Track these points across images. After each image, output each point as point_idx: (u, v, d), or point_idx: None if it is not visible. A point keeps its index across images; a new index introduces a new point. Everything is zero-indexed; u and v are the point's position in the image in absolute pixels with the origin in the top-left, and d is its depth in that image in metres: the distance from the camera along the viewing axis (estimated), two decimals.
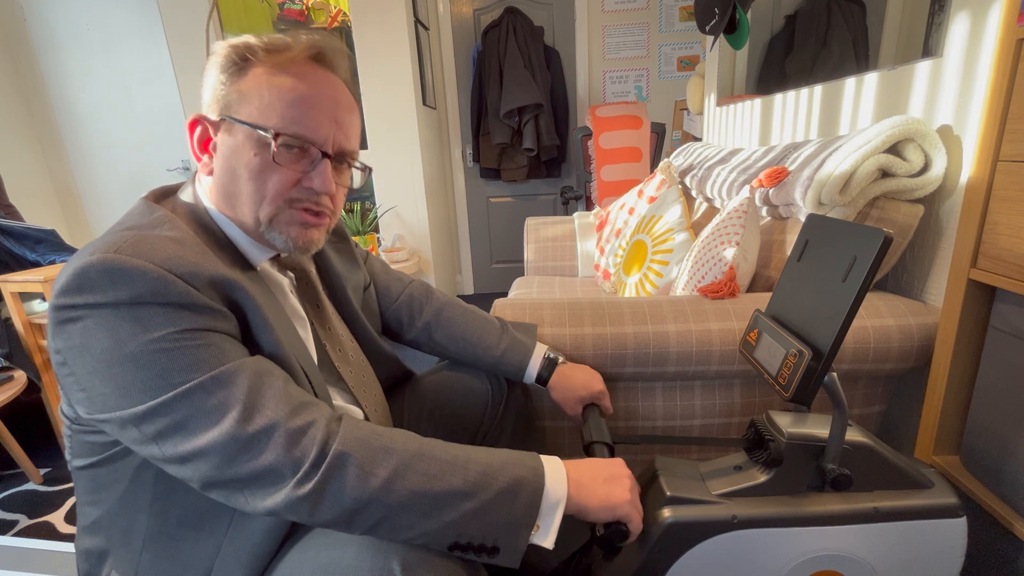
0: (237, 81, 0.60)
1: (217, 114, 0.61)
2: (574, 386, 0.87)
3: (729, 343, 0.93)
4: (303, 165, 0.61)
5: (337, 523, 0.52)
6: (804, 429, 0.70)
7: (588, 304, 1.00)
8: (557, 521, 0.55)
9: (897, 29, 1.46)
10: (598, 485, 0.59)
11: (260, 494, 0.51)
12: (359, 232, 2.56)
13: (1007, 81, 0.72)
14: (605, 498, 0.58)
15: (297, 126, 0.59)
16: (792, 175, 1.09)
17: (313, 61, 0.61)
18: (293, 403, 0.53)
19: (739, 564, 0.72)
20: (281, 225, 0.62)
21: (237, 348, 0.55)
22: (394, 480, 0.51)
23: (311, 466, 0.50)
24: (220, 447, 0.50)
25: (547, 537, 0.55)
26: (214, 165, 0.61)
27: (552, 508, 0.55)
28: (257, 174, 0.59)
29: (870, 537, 0.70)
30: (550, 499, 0.55)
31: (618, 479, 0.61)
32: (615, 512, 0.58)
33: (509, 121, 2.97)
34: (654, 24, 3.01)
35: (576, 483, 0.58)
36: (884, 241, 0.58)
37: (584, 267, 2.07)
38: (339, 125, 0.62)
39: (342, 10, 3.05)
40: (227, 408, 0.50)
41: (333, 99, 0.62)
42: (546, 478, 0.56)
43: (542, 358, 0.90)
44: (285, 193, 0.61)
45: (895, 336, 0.91)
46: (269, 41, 0.61)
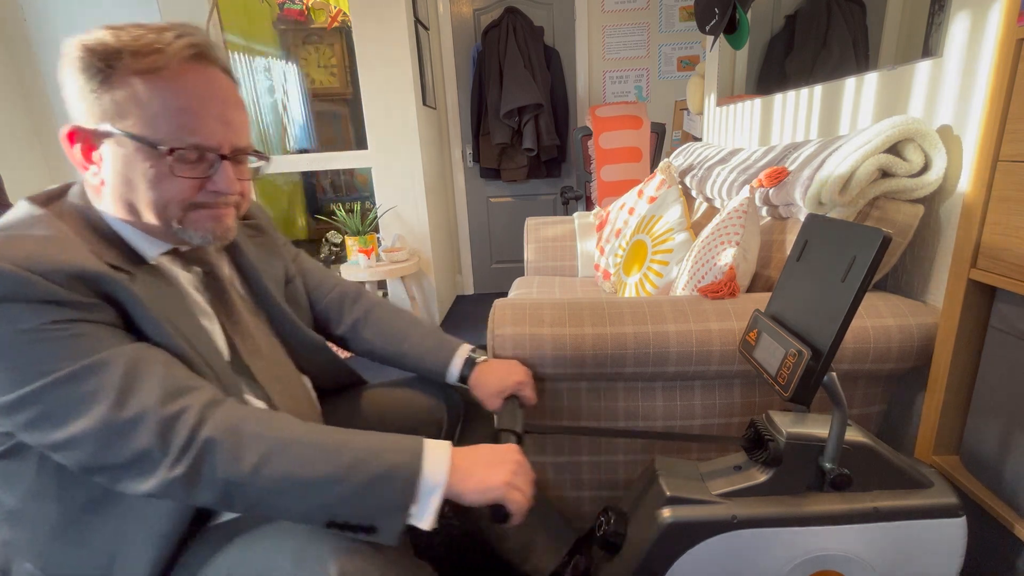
0: (109, 89, 0.57)
1: (95, 124, 0.58)
2: (490, 381, 0.88)
3: (729, 343, 0.93)
4: (201, 170, 0.61)
5: (215, 504, 0.55)
6: (804, 429, 0.70)
7: (588, 304, 1.00)
8: (434, 504, 0.57)
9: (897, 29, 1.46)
10: (479, 469, 0.60)
11: (137, 479, 0.53)
12: (359, 232, 2.56)
13: (1007, 81, 0.72)
14: (480, 482, 0.59)
15: (189, 135, 0.58)
16: (792, 175, 1.09)
17: (191, 61, 0.59)
18: (169, 389, 0.55)
19: (739, 564, 0.72)
20: (194, 223, 0.63)
21: (115, 336, 0.56)
22: (262, 465, 0.54)
23: (180, 452, 0.52)
24: (94, 434, 0.51)
25: (423, 519, 0.57)
26: (104, 176, 0.60)
27: (429, 492, 0.57)
28: (156, 184, 0.59)
29: (870, 537, 0.70)
30: (427, 484, 0.57)
31: (502, 464, 0.62)
32: (487, 495, 0.59)
33: (509, 121, 2.97)
34: (654, 24, 3.01)
35: (458, 469, 0.59)
36: (883, 241, 0.58)
37: (584, 267, 2.07)
38: (229, 124, 0.62)
39: (342, 10, 3.05)
40: (99, 396, 0.52)
41: (220, 99, 0.61)
42: (425, 464, 0.58)
43: (464, 358, 0.91)
44: (189, 199, 0.61)
45: (895, 336, 0.91)
46: (133, 42, 0.58)
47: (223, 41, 2.67)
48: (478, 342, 0.95)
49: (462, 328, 2.88)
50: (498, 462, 0.62)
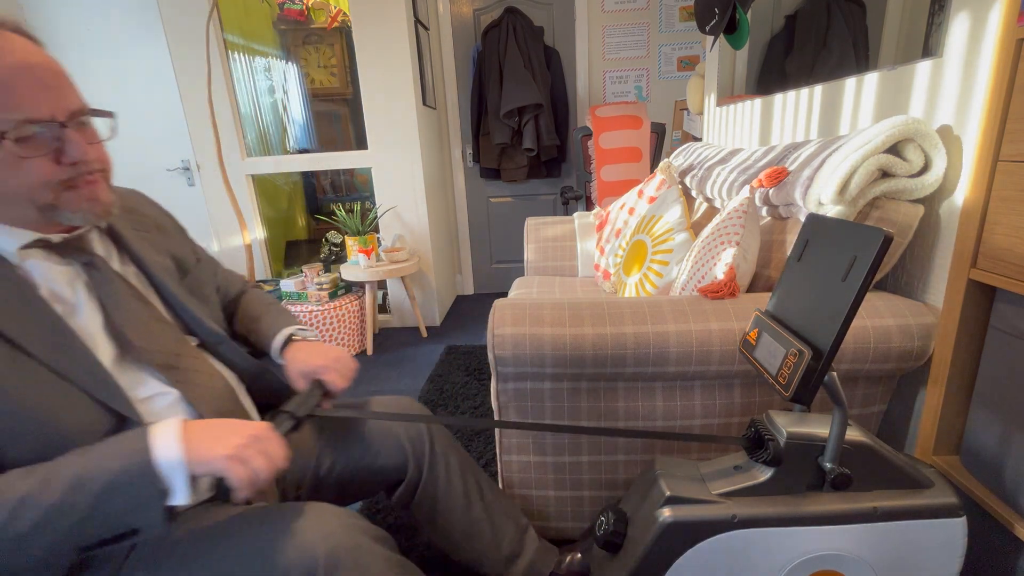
0: None
1: None
2: (296, 360, 0.86)
3: (729, 343, 0.93)
4: (47, 144, 0.58)
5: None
6: (804, 429, 0.70)
7: (588, 304, 1.00)
8: (180, 480, 0.56)
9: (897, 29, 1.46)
10: (205, 441, 0.59)
11: None
12: (359, 232, 2.56)
13: (1007, 81, 0.72)
14: (203, 453, 0.58)
15: (17, 112, 0.55)
16: (792, 175, 1.09)
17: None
18: None
19: (739, 564, 0.72)
20: (70, 205, 0.61)
21: None
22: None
23: None
24: None
25: (181, 496, 0.56)
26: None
27: (173, 471, 0.56)
28: (7, 173, 0.56)
29: (870, 537, 0.70)
30: (165, 466, 0.56)
31: (231, 436, 0.60)
32: (208, 466, 0.58)
33: (509, 121, 2.97)
34: (654, 24, 3.02)
35: (190, 440, 0.58)
36: (884, 241, 0.58)
37: (584, 267, 2.07)
38: (52, 89, 0.58)
39: (342, 10, 3.05)
40: None
41: (29, 65, 0.57)
42: (155, 448, 0.56)
43: (287, 335, 0.90)
44: (52, 178, 0.58)
45: (895, 336, 0.91)
46: None
47: (223, 41, 2.67)
48: (478, 342, 0.94)
49: (462, 328, 2.88)
50: (228, 435, 0.60)
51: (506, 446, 1.07)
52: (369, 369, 2.39)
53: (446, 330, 2.87)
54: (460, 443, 1.64)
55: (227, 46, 2.72)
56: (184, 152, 2.90)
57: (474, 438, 1.69)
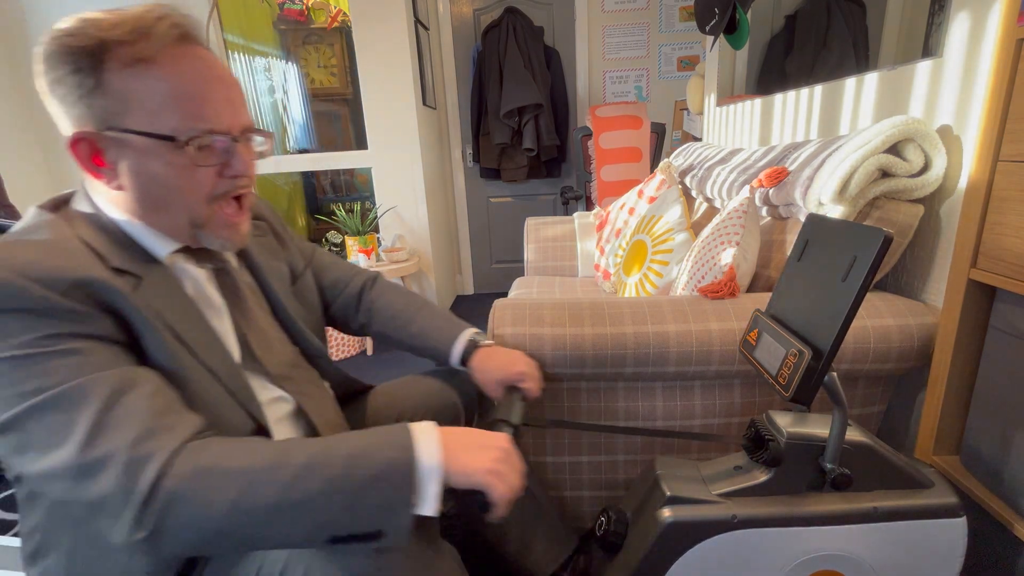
0: (104, 86, 0.54)
1: (96, 126, 0.56)
2: (491, 367, 0.86)
3: (729, 343, 0.93)
4: (218, 157, 0.60)
5: (196, 553, 0.51)
6: (804, 429, 0.70)
7: (588, 304, 1.00)
8: (434, 490, 0.54)
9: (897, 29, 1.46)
10: (463, 452, 0.58)
11: (107, 524, 0.49)
12: (359, 232, 2.56)
13: (1007, 81, 0.72)
14: (465, 464, 0.56)
15: (199, 122, 0.57)
16: (792, 175, 1.09)
17: (180, 43, 0.57)
18: (143, 427, 0.50)
19: (739, 564, 0.72)
20: (214, 228, 0.63)
21: (104, 355, 0.53)
22: (241, 502, 0.50)
23: (142, 508, 0.48)
24: (63, 470, 0.48)
25: (428, 506, 0.54)
26: (122, 180, 0.58)
27: (428, 478, 0.54)
28: (179, 179, 0.58)
29: (870, 537, 0.70)
30: (424, 470, 0.54)
31: (487, 449, 0.59)
32: (470, 479, 0.56)
33: (509, 121, 2.97)
34: (654, 24, 3.01)
35: (446, 448, 0.57)
36: (884, 241, 0.58)
37: (584, 267, 2.07)
38: (233, 103, 0.61)
39: (342, 10, 3.05)
40: (72, 428, 0.49)
41: (219, 79, 0.59)
42: (418, 451, 0.55)
43: (468, 340, 0.90)
44: (214, 189, 0.61)
45: (895, 336, 0.91)
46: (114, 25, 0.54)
47: (223, 41, 2.67)
48: None
49: None
50: (484, 447, 0.59)
51: None
52: (369, 369, 2.39)
53: None
54: None
55: (227, 46, 2.72)
56: None
57: None
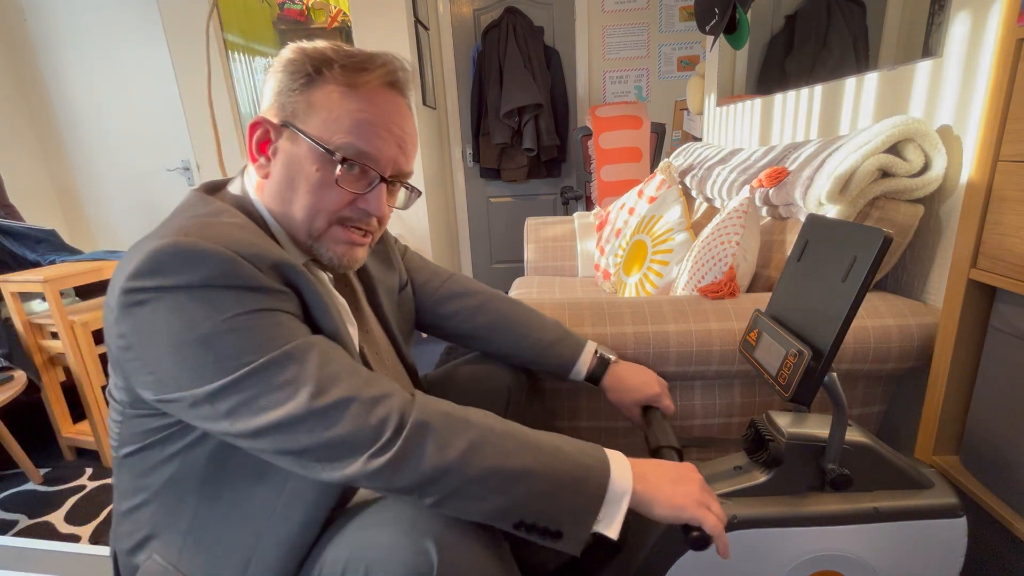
0: (307, 91, 0.60)
1: (280, 119, 0.61)
2: (629, 388, 0.86)
3: (729, 343, 0.93)
4: (361, 186, 0.62)
5: (412, 491, 0.52)
6: (804, 429, 0.70)
7: (588, 304, 1.00)
8: (622, 512, 0.56)
9: (897, 29, 1.46)
10: (665, 484, 0.59)
11: (337, 464, 0.52)
12: None
13: (1007, 81, 0.72)
14: (671, 497, 0.58)
15: (364, 146, 0.60)
16: (792, 175, 1.09)
17: (388, 87, 0.62)
18: (365, 376, 0.54)
19: (739, 564, 0.72)
20: (329, 241, 0.64)
21: (303, 327, 0.56)
22: (471, 453, 0.52)
23: (392, 434, 0.51)
24: (295, 419, 0.51)
25: (611, 527, 0.56)
26: (271, 169, 0.62)
27: (617, 499, 0.56)
28: (316, 189, 0.60)
29: (870, 537, 0.70)
30: (615, 490, 0.56)
31: (688, 482, 0.60)
32: (681, 513, 0.57)
33: (509, 121, 2.97)
34: (654, 24, 3.01)
35: (642, 478, 0.58)
36: (884, 241, 0.58)
37: (584, 267, 2.07)
38: (402, 149, 0.64)
39: (342, 10, 3.05)
40: (301, 382, 0.52)
41: (400, 125, 0.63)
42: (613, 469, 0.57)
43: (593, 355, 0.88)
44: (339, 211, 0.62)
45: (895, 336, 0.91)
46: (347, 56, 0.61)
47: (223, 41, 2.67)
48: None
49: None
50: (683, 480, 0.60)
51: None
52: None
53: None
54: None
55: (227, 46, 2.72)
56: (184, 152, 2.90)
57: None
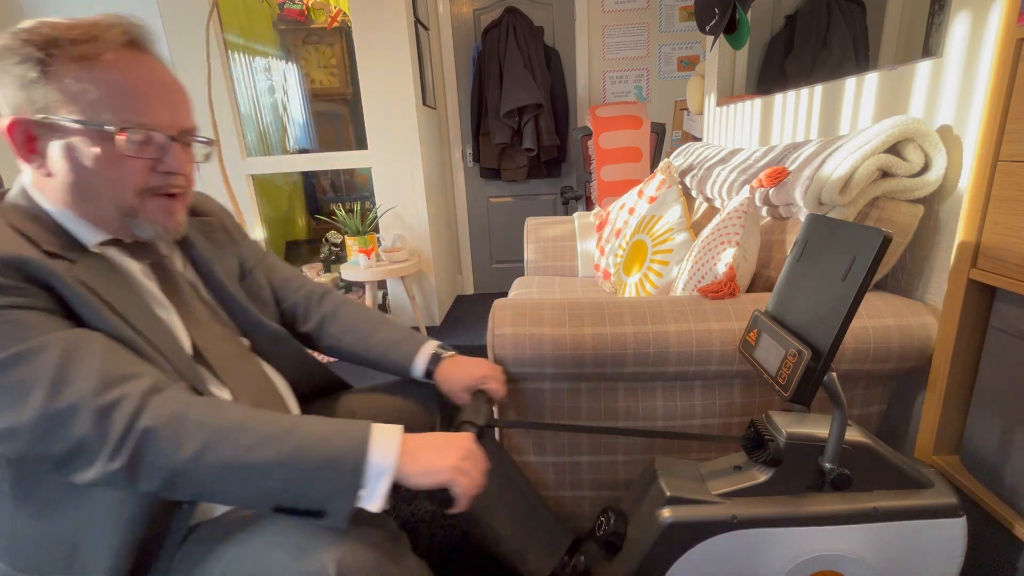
0: (49, 78, 0.58)
1: (35, 113, 0.59)
2: (456, 375, 0.88)
3: (729, 343, 0.93)
4: (152, 151, 0.62)
5: (160, 492, 0.55)
6: (804, 429, 0.70)
7: (588, 304, 1.00)
8: (383, 487, 0.58)
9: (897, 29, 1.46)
10: (426, 453, 0.61)
11: (78, 469, 0.53)
12: (359, 232, 2.56)
13: (1007, 81, 0.72)
14: (427, 464, 0.60)
15: (137, 116, 0.60)
16: (792, 175, 1.09)
17: (127, 48, 0.61)
18: (106, 376, 0.54)
19: (739, 564, 0.72)
20: (147, 215, 0.64)
21: (49, 322, 0.55)
22: (204, 452, 0.54)
23: (118, 442, 0.52)
24: (30, 425, 0.51)
25: (372, 502, 0.58)
26: (51, 167, 0.61)
27: (377, 476, 0.57)
28: (109, 169, 0.60)
29: (870, 537, 0.70)
30: (375, 468, 0.57)
31: (450, 449, 0.62)
32: (433, 478, 0.60)
33: (509, 121, 2.97)
34: (654, 24, 3.01)
35: (407, 452, 0.60)
36: (883, 241, 0.58)
37: (584, 267, 2.07)
38: (174, 106, 0.64)
39: (342, 10, 3.05)
40: (31, 385, 0.51)
41: (160, 82, 0.63)
42: (373, 449, 0.58)
43: (430, 353, 0.91)
44: (144, 183, 0.63)
45: (895, 336, 0.91)
46: (70, 29, 0.59)
47: (223, 41, 2.67)
48: (478, 342, 0.94)
49: (462, 328, 2.88)
50: (447, 447, 0.63)
51: (506, 446, 1.07)
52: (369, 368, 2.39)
53: (446, 330, 2.87)
54: None
55: (227, 46, 2.72)
56: None
57: None
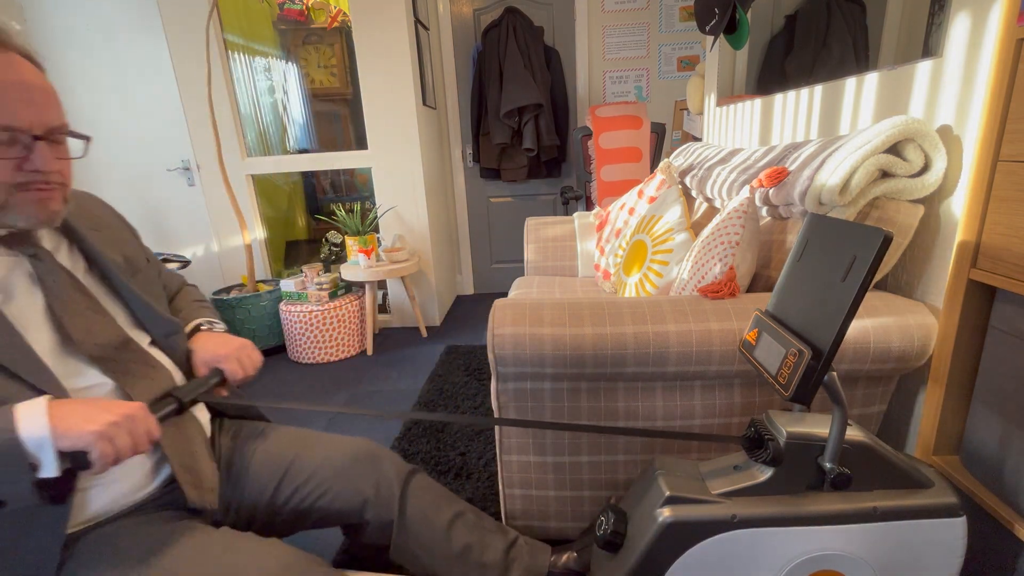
0: None
1: None
2: (200, 348, 0.88)
3: (729, 343, 0.93)
4: (17, 151, 0.63)
5: None
6: (804, 428, 0.70)
7: (588, 304, 1.00)
8: (51, 454, 0.58)
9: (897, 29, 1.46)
10: (75, 417, 0.60)
11: None
12: (359, 232, 2.56)
13: (1007, 81, 0.72)
14: (72, 427, 0.59)
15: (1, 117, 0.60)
16: (792, 175, 1.09)
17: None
18: None
19: (739, 563, 0.72)
20: (18, 207, 0.65)
21: None
22: None
23: None
24: None
25: (49, 469, 0.58)
26: None
27: (41, 446, 0.57)
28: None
29: (870, 537, 0.70)
30: (32, 442, 0.57)
31: (103, 413, 0.62)
32: (76, 440, 0.59)
33: (509, 121, 2.97)
34: (654, 24, 3.01)
35: (56, 416, 0.59)
36: (884, 241, 0.58)
37: (584, 267, 2.07)
38: (37, 105, 0.64)
39: (342, 10, 3.05)
40: None
41: (21, 82, 0.63)
42: (20, 425, 0.58)
43: (193, 325, 0.94)
44: (10, 180, 0.63)
45: (895, 336, 0.91)
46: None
47: (223, 41, 2.67)
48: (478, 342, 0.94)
49: (462, 328, 2.88)
50: (99, 412, 0.62)
51: (506, 446, 1.07)
52: (369, 369, 2.39)
53: (446, 330, 2.87)
54: (458, 448, 1.64)
55: (227, 46, 2.72)
56: (184, 152, 2.90)
57: (475, 438, 1.69)
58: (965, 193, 0.79)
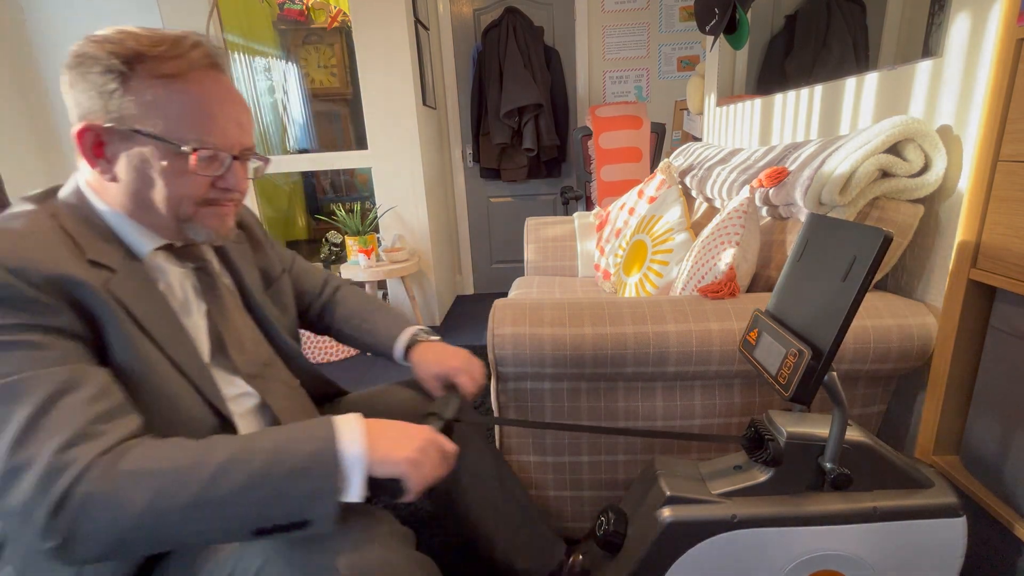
0: (128, 90, 0.59)
1: (110, 122, 0.60)
2: (428, 360, 0.89)
3: (729, 343, 0.93)
4: (215, 169, 0.65)
5: (107, 557, 0.51)
6: (804, 428, 0.70)
7: (588, 304, 1.00)
8: (359, 478, 0.57)
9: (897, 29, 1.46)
10: (385, 442, 0.60)
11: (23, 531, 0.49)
12: (359, 232, 2.56)
13: (1007, 81, 0.72)
14: (386, 453, 0.59)
15: (210, 136, 0.63)
16: (792, 175, 1.09)
17: (208, 69, 0.64)
18: (73, 431, 0.51)
19: (739, 564, 0.72)
20: (201, 221, 0.67)
21: (60, 349, 0.54)
22: (156, 502, 0.50)
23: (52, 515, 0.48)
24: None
25: (355, 493, 0.57)
26: (117, 172, 0.63)
27: (353, 466, 0.56)
28: (174, 181, 0.63)
29: (870, 537, 0.70)
30: (348, 460, 0.56)
31: (410, 440, 0.61)
32: (389, 468, 0.58)
33: (509, 121, 2.97)
34: (654, 24, 3.01)
35: (372, 439, 0.59)
36: (884, 241, 0.58)
37: (584, 267, 2.07)
38: (241, 127, 0.67)
39: (342, 10, 3.05)
40: (5, 426, 0.50)
41: (233, 103, 0.66)
42: (341, 440, 0.57)
43: (410, 335, 0.93)
44: (203, 195, 0.66)
45: (895, 336, 0.91)
46: (154, 44, 0.61)
47: (223, 41, 2.67)
48: (478, 342, 0.94)
49: (462, 328, 2.88)
50: (407, 438, 0.62)
51: (506, 446, 1.07)
52: (369, 369, 2.39)
53: (446, 330, 2.87)
54: None
55: (227, 46, 2.72)
56: None
57: None
58: (965, 193, 0.79)
